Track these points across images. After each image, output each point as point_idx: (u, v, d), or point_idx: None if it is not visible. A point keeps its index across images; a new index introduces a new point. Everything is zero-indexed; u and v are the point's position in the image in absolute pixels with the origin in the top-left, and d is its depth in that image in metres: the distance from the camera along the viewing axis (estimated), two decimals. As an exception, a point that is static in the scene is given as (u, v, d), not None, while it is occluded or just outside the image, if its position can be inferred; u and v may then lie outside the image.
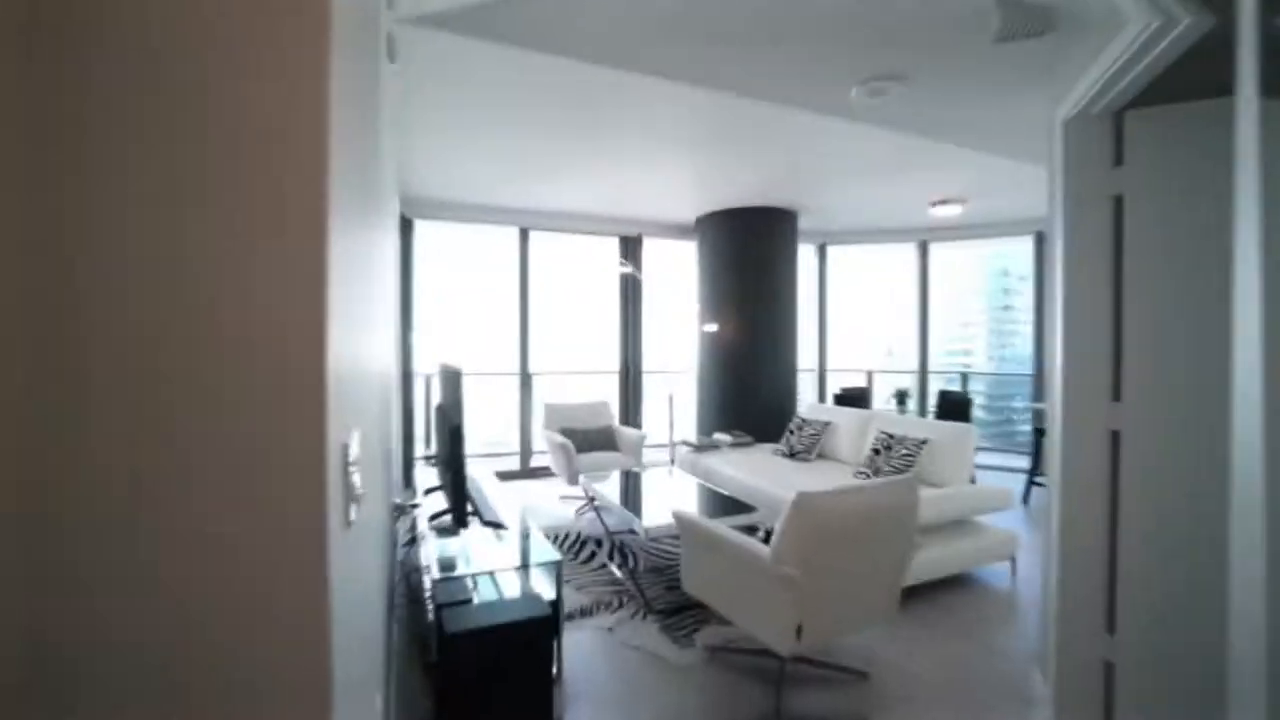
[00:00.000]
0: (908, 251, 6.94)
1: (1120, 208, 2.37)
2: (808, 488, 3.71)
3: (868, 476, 4.04)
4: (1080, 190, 2.43)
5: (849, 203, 5.52)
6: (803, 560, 2.11)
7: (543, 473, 6.02)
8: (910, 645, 2.78)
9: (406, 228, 5.50)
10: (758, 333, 5.77)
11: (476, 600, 2.41)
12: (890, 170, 4.57)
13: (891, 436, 4.11)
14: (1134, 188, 2.33)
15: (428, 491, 3.46)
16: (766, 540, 2.39)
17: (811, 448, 4.73)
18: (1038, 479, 5.06)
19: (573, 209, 5.85)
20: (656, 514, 3.34)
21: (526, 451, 6.08)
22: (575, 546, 3.95)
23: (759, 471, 4.32)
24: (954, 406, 5.21)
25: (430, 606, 2.46)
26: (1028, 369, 6.49)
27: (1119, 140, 2.37)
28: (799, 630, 2.16)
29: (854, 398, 5.78)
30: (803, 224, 6.09)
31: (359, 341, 1.09)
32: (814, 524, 2.11)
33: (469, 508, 2.93)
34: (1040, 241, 6.17)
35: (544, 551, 2.71)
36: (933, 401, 6.71)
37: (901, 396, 5.63)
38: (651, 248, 6.52)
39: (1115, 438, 2.37)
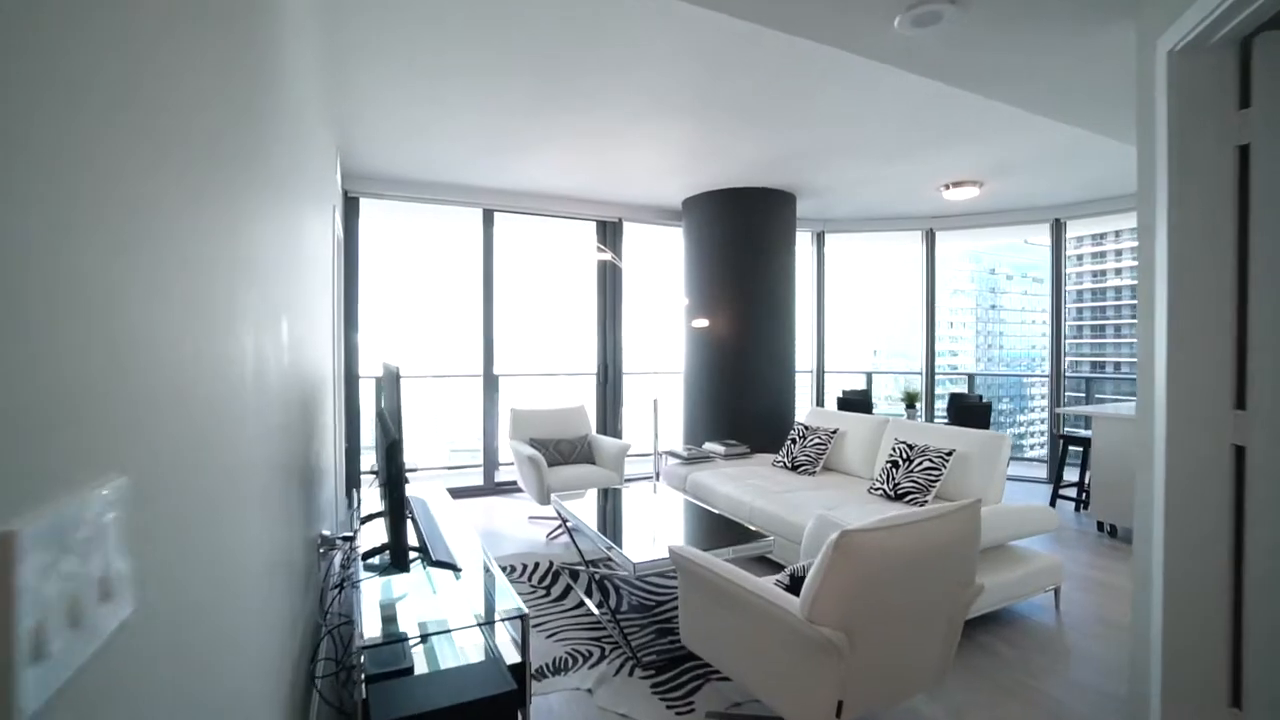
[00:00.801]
0: (911, 241, 6.47)
1: (1246, 161, 1.85)
2: (824, 510, 3.14)
3: (886, 494, 3.50)
4: (1191, 142, 1.90)
5: (853, 184, 4.99)
6: (847, 618, 1.54)
7: (510, 488, 5.37)
8: (958, 707, 2.23)
9: (351, 207, 4.82)
10: (752, 329, 5.20)
11: (418, 670, 1.84)
12: (901, 146, 4.03)
13: (911, 447, 3.58)
14: (1266, 135, 1.80)
15: (365, 519, 2.81)
16: (793, 588, 1.81)
17: (817, 459, 4.18)
18: (1063, 491, 4.60)
19: (543, 189, 5.22)
20: (641, 542, 2.74)
21: (491, 464, 5.42)
22: (546, 581, 3.33)
23: (761, 488, 3.75)
24: (970, 411, 4.71)
25: (359, 679, 1.83)
26: (1017, 370, 6.04)
27: (1245, 75, 1.85)
28: (839, 707, 1.59)
29: (859, 402, 5.25)
30: (801, 209, 5.55)
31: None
32: (861, 571, 1.53)
33: (415, 542, 2.32)
34: (1058, 229, 5.73)
35: (508, 599, 2.09)
36: (940, 405, 6.24)
37: (911, 400, 5.13)
38: (633, 234, 5.92)
39: (1239, 454, 1.85)
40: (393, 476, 1.97)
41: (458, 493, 5.24)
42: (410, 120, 3.63)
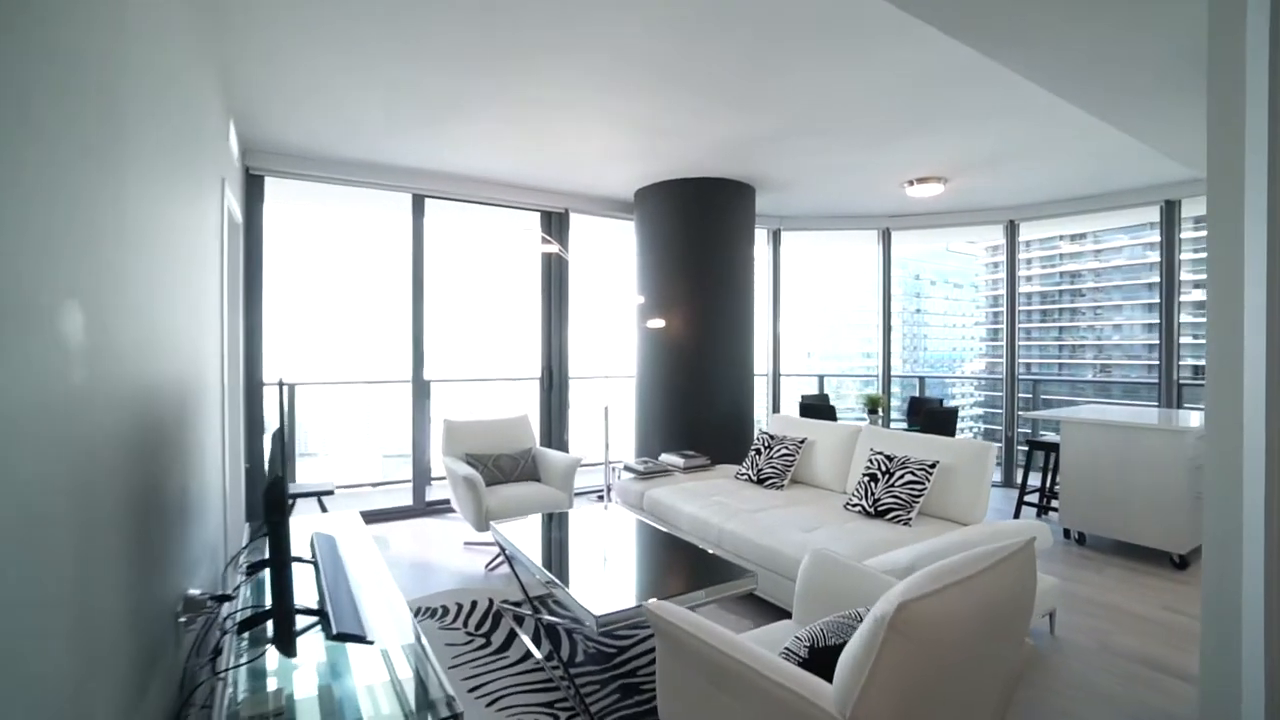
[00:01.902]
0: (857, 240, 6.30)
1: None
2: (804, 533, 2.78)
3: (865, 511, 3.19)
4: None
5: (817, 176, 4.71)
6: (903, 714, 1.15)
7: (443, 508, 4.79)
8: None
9: (254, 187, 4.13)
10: (711, 330, 4.84)
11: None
12: (874, 134, 3.76)
13: (890, 458, 3.29)
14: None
15: (252, 568, 2.22)
16: (814, 664, 1.41)
17: (785, 472, 3.85)
18: (1027, 498, 4.47)
19: (481, 172, 4.68)
20: (599, 584, 2.29)
21: (422, 480, 4.83)
22: (485, 626, 2.82)
23: (728, 507, 3.36)
24: (936, 416, 4.52)
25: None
26: (937, 371, 5.95)
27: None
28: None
29: (821, 407, 4.98)
30: (759, 204, 5.24)
31: None
32: (924, 653, 1.15)
33: (314, 601, 1.80)
34: (1012, 231, 5.67)
35: (434, 684, 1.59)
36: (897, 409, 6.08)
37: (873, 405, 4.90)
38: (581, 228, 5.46)
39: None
40: (274, 528, 1.45)
41: (384, 515, 4.62)
42: (317, 76, 3.04)
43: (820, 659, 1.36)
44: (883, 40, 2.62)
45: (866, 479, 3.30)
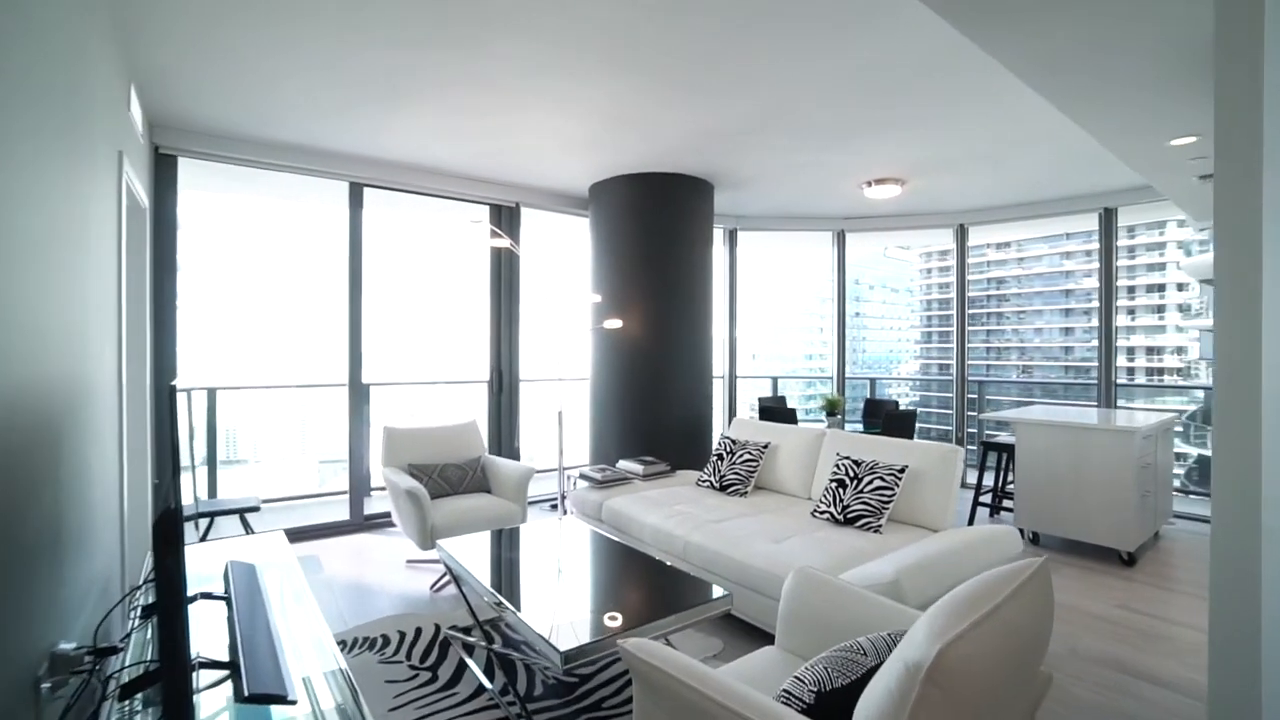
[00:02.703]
0: (806, 242, 6.29)
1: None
2: (776, 542, 2.64)
3: (834, 518, 3.08)
4: None
5: (777, 174, 4.62)
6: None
7: (383, 522, 4.44)
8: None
9: (165, 168, 3.68)
10: (669, 331, 4.67)
11: None
12: (840, 129, 3.68)
13: (858, 463, 3.20)
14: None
15: (149, 612, 1.88)
16: (818, 712, 1.24)
17: (748, 478, 3.72)
18: (983, 500, 4.50)
19: (425, 161, 4.35)
20: (561, 612, 2.07)
21: (360, 491, 4.45)
22: (431, 658, 2.54)
23: (692, 517, 3.19)
24: (896, 419, 4.50)
25: None
26: (875, 372, 6.02)
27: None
28: None
29: (781, 410, 4.89)
30: (716, 203, 5.12)
31: None
32: (961, 702, 1.00)
33: (225, 648, 1.52)
34: (962, 234, 5.76)
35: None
36: (851, 412, 6.09)
37: (832, 408, 4.85)
38: (533, 223, 5.19)
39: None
40: (162, 569, 1.17)
41: (317, 531, 4.23)
42: (235, 41, 2.69)
43: (828, 704, 1.20)
44: (854, 30, 2.52)
45: (834, 485, 3.20)
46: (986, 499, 4.65)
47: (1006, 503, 4.63)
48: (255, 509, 3.46)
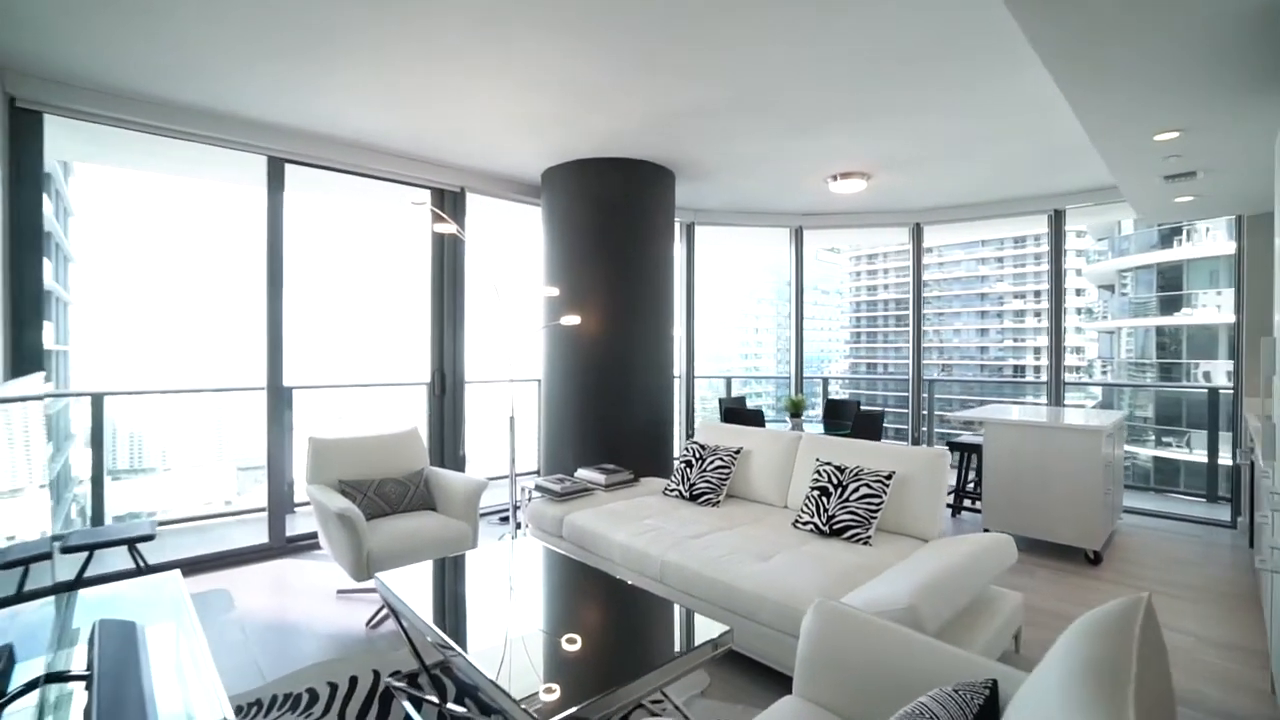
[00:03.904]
0: (759, 240, 6.15)
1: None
2: (762, 559, 2.48)
3: (818, 529, 2.87)
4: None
5: (742, 164, 4.39)
6: None
7: (308, 544, 3.92)
8: None
9: (25, 125, 3.04)
10: (628, 328, 4.36)
11: None
12: (814, 115, 3.47)
13: (841, 469, 3.00)
14: None
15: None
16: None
17: (720, 486, 3.46)
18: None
19: (358, 135, 3.87)
20: (526, 659, 1.74)
21: (281, 509, 3.91)
22: (371, 714, 2.14)
23: (666, 533, 2.89)
24: (865, 420, 4.37)
25: None
26: (808, 371, 5.97)
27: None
28: None
29: (744, 411, 4.68)
30: (676, 194, 4.86)
31: None
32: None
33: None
34: (918, 233, 5.74)
35: None
36: (811, 412, 5.96)
37: (796, 408, 4.68)
38: (480, 210, 4.76)
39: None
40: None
41: (229, 559, 3.67)
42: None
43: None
44: (844, 12, 2.33)
45: (817, 493, 2.99)
46: (949, 499, 4.61)
47: (965, 502, 4.61)
48: (149, 537, 2.91)
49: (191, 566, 3.49)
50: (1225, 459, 5.11)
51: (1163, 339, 22.20)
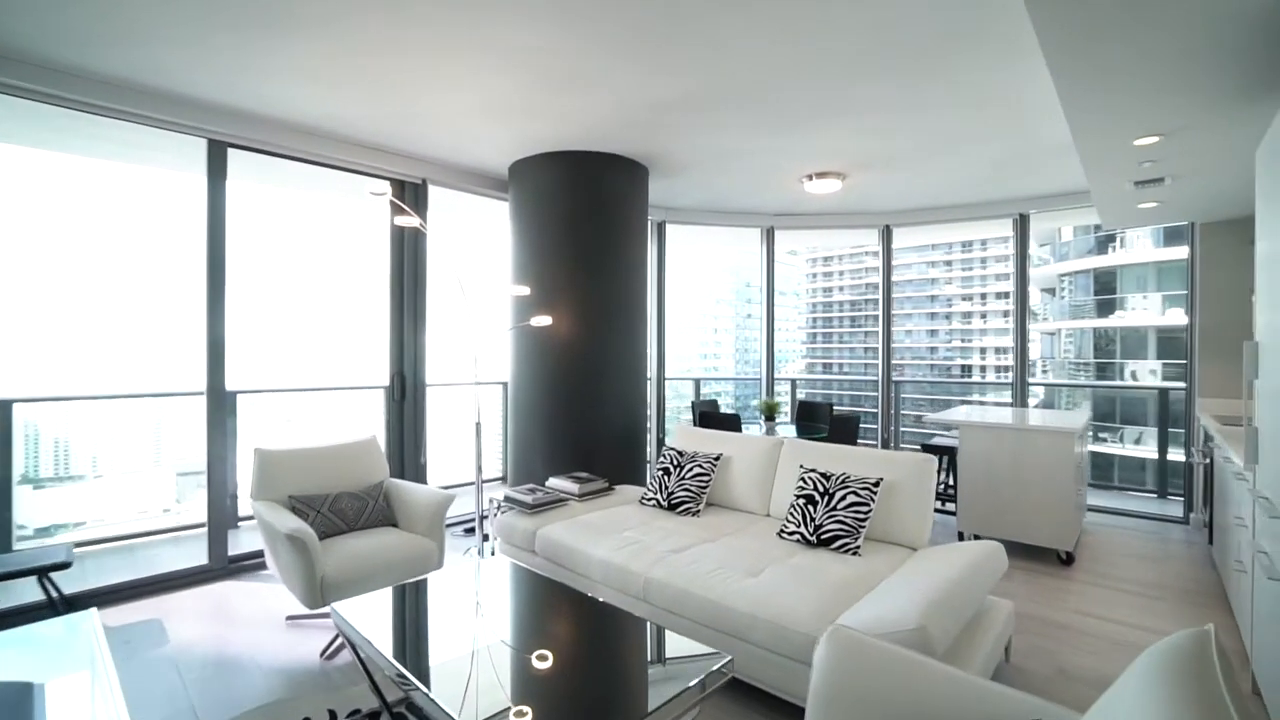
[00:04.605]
0: (741, 238, 6.07)
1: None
2: (752, 574, 2.40)
3: (805, 539, 2.76)
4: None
5: (718, 160, 4.26)
6: None
7: (253, 563, 3.61)
8: None
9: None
10: (601, 329, 4.18)
11: None
12: (799, 110, 3.38)
13: (827, 476, 2.90)
14: None
15: None
16: None
17: (699, 494, 3.33)
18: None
19: (309, 119, 3.56)
20: (508, 705, 1.56)
21: (222, 527, 3.58)
22: (326, 761, 1.91)
23: (648, 547, 2.72)
24: (841, 423, 4.31)
25: None
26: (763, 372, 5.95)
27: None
28: None
29: (719, 415, 4.56)
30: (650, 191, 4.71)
31: None
32: None
33: None
34: (887, 235, 5.75)
35: None
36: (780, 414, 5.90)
37: (770, 411, 4.59)
38: (442, 204, 4.50)
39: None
40: None
41: (164, 583, 3.32)
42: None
43: None
44: (846, 4, 2.22)
45: (802, 501, 2.88)
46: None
47: (937, 504, 4.62)
48: (63, 565, 2.57)
49: (118, 594, 3.14)
50: (1173, 456, 5.30)
51: (1099, 340, 23.38)
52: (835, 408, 4.79)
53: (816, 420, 4.79)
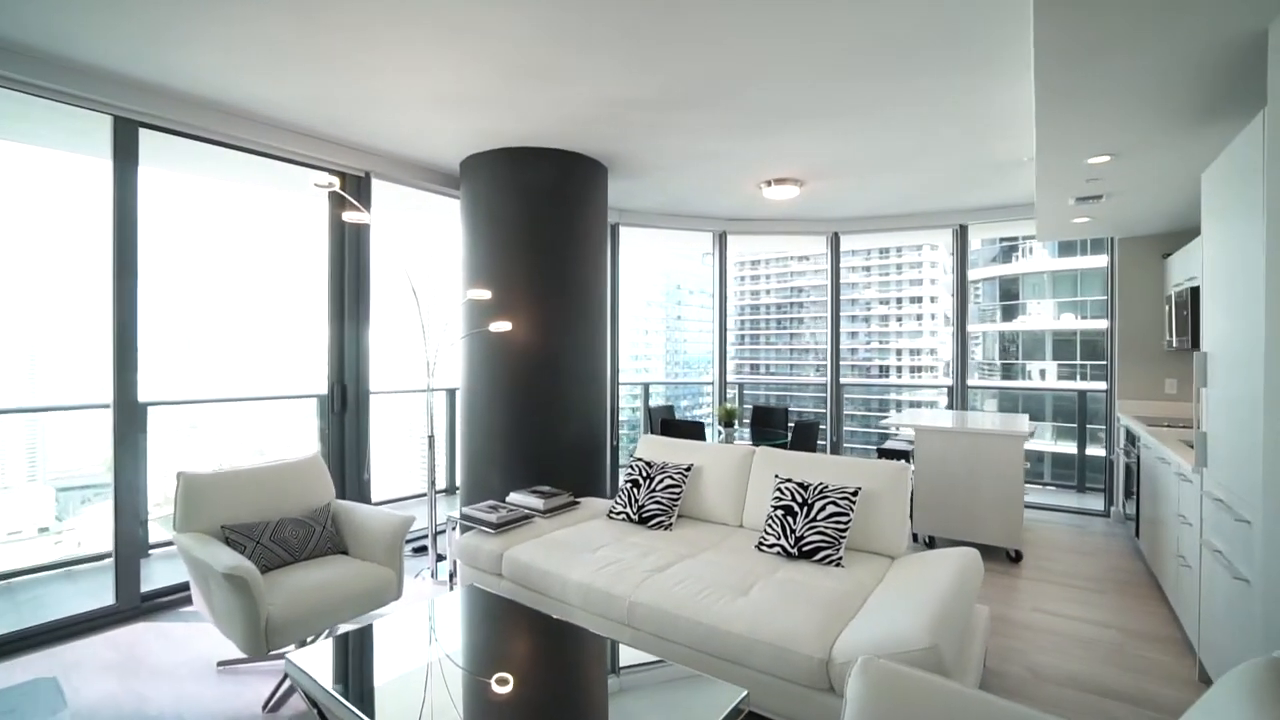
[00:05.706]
0: (692, 241, 6.04)
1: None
2: (741, 592, 2.27)
3: (785, 551, 2.71)
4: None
5: (678, 161, 4.16)
6: None
7: (173, 599, 3.19)
8: None
9: None
10: (560, 333, 4.00)
11: None
12: (767, 114, 3.32)
13: (804, 486, 2.87)
14: None
15: None
16: None
17: (671, 507, 3.22)
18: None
19: (235, 98, 3.18)
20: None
21: (132, 560, 3.14)
22: (284, 838, 1.65)
23: (627, 566, 2.58)
24: (803, 430, 4.32)
25: None
26: (699, 375, 6.06)
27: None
28: None
29: (681, 423, 4.47)
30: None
31: None
32: None
33: None
34: (835, 242, 5.87)
35: None
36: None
37: (729, 418, 4.56)
38: (387, 200, 4.17)
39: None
40: None
41: (58, 631, 2.86)
42: None
43: None
44: (842, 5, 2.17)
45: (780, 512, 2.84)
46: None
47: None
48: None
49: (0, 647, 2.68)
50: (1091, 451, 5.69)
51: (1005, 342, 25.25)
52: (789, 410, 4.81)
53: (774, 426, 4.79)
